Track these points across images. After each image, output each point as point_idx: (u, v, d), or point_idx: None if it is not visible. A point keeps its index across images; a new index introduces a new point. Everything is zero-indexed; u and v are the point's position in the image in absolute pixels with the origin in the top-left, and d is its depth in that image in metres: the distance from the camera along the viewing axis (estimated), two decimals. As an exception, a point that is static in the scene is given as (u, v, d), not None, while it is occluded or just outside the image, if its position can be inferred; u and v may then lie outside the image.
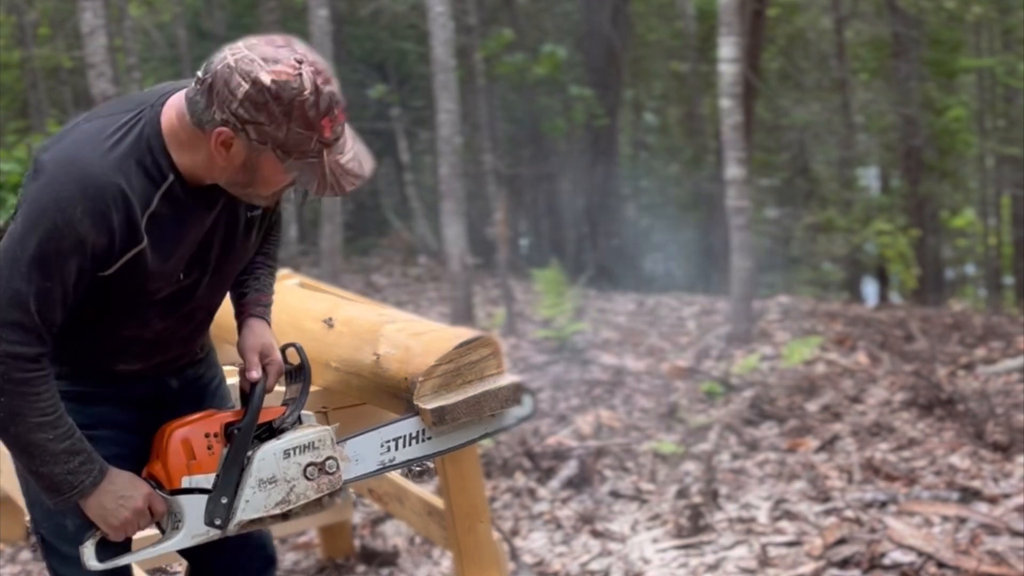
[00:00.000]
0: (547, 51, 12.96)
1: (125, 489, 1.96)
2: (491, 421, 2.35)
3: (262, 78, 1.76)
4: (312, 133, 1.80)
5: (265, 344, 2.16)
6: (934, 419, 5.58)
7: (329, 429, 2.13)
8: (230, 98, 1.78)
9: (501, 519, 4.25)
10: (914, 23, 13.74)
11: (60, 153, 1.87)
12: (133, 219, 1.86)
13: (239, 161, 1.85)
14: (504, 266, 9.50)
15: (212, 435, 2.02)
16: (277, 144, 1.81)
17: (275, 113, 1.77)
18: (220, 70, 1.79)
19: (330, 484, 2.10)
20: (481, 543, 2.68)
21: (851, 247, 14.03)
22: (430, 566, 3.60)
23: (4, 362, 1.84)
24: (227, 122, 1.80)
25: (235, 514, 2.02)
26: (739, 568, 3.56)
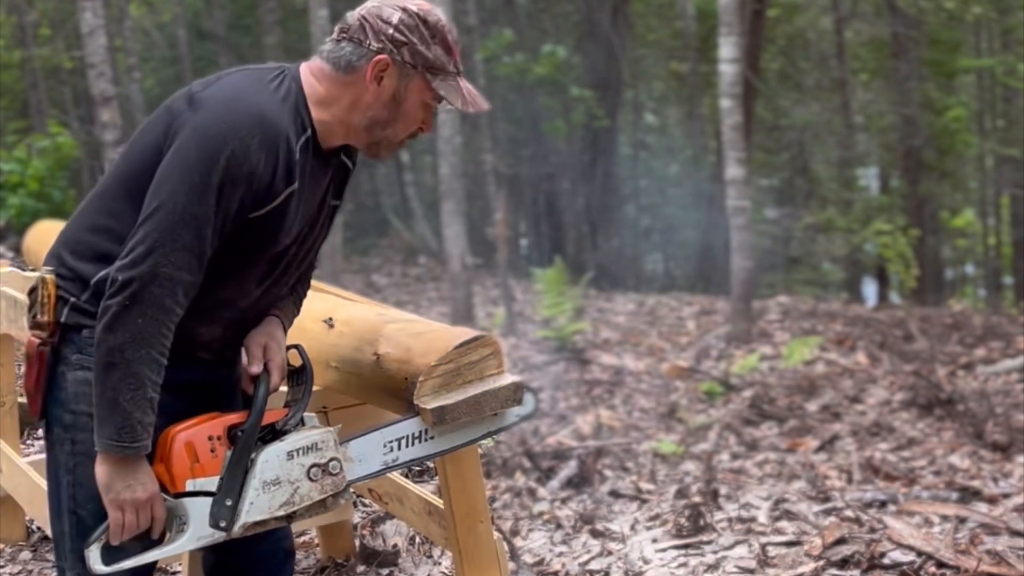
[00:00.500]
0: (547, 51, 12.96)
1: (142, 477, 1.95)
2: (493, 420, 2.35)
3: (409, 6, 2.01)
4: (451, 57, 2.05)
5: (271, 340, 2.16)
6: (934, 419, 5.59)
7: (332, 430, 2.12)
8: (385, 26, 1.99)
9: (501, 519, 4.25)
10: (914, 23, 13.75)
11: (227, 90, 1.98)
12: (292, 161, 1.96)
13: (388, 93, 2.01)
14: (504, 266, 9.51)
15: (215, 438, 2.01)
16: (427, 65, 2.01)
17: (424, 35, 2.00)
18: (366, 13, 2.01)
19: (334, 485, 2.10)
20: (481, 543, 2.68)
21: (851, 247, 14.04)
22: (430, 566, 3.60)
23: (164, 285, 1.87)
24: (382, 49, 1.98)
25: (239, 516, 2.01)
26: (739, 568, 3.57)
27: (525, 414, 2.40)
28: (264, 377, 2.10)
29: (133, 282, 1.86)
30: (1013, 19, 13.22)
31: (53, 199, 9.46)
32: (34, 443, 4.25)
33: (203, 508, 2.00)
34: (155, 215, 1.88)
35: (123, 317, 1.87)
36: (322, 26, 9.84)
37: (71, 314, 2.01)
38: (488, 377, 2.33)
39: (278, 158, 1.93)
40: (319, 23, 9.84)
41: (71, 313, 2.01)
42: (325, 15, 9.89)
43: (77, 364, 2.01)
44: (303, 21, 12.74)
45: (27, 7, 13.68)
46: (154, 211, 1.89)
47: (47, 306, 2.01)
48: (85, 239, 2.02)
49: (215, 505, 2.00)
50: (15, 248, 7.73)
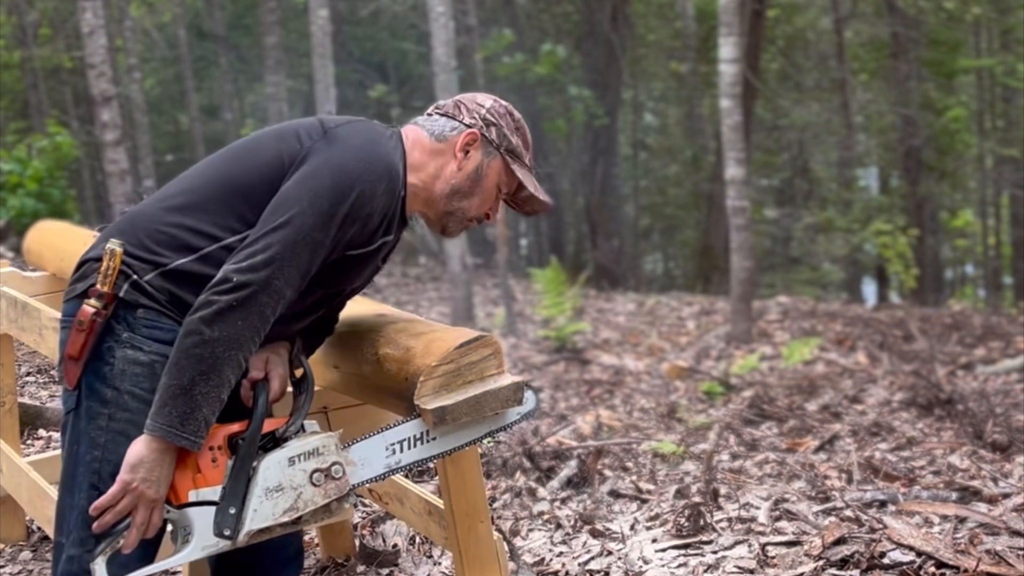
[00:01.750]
0: (547, 50, 12.96)
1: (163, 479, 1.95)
2: (494, 419, 2.35)
3: (499, 100, 2.25)
4: (527, 151, 2.26)
5: (273, 352, 2.18)
6: (933, 419, 5.59)
7: (334, 435, 2.13)
8: (479, 107, 2.21)
9: (501, 519, 4.26)
10: (913, 23, 13.75)
11: (363, 133, 2.13)
12: (395, 214, 2.12)
13: (472, 166, 2.19)
14: (504, 266, 9.51)
15: (216, 448, 2.02)
16: (509, 149, 2.21)
17: (510, 123, 2.23)
18: (461, 97, 2.25)
19: (337, 489, 2.11)
20: (481, 543, 2.69)
21: (851, 247, 14.05)
22: (430, 566, 3.60)
23: (271, 295, 1.95)
24: (474, 124, 2.19)
25: (244, 524, 2.02)
26: (739, 568, 3.57)
27: (526, 412, 2.40)
28: (264, 385, 2.11)
29: (248, 286, 1.93)
30: (1013, 19, 13.22)
31: (53, 199, 9.47)
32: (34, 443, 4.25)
33: (207, 518, 2.01)
34: (281, 229, 1.97)
35: (227, 315, 1.93)
36: (322, 26, 9.85)
37: (130, 291, 2.03)
38: (488, 377, 2.34)
39: (390, 208, 2.09)
40: (319, 23, 9.84)
41: (130, 290, 2.03)
42: (325, 15, 9.89)
43: (128, 342, 2.03)
44: (303, 21, 12.75)
45: (27, 7, 13.68)
46: (280, 226, 1.97)
47: (110, 277, 2.02)
48: (167, 227, 2.06)
49: (219, 514, 2.01)
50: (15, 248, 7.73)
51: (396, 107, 14.76)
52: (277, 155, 2.07)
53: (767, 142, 17.09)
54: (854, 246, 13.89)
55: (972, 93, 16.26)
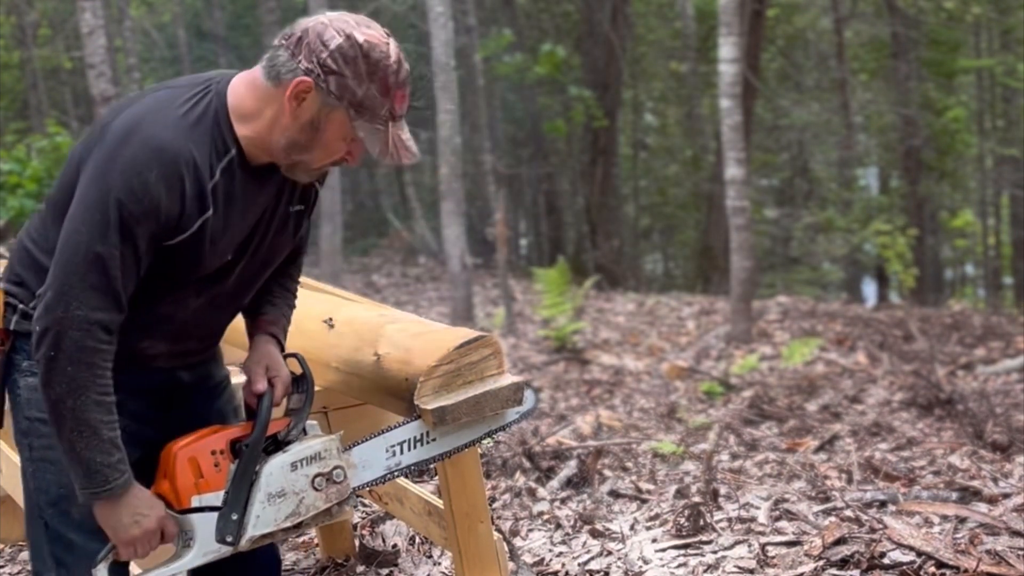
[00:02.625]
0: (546, 50, 12.96)
1: (142, 507, 1.95)
2: (494, 419, 2.35)
3: (356, 35, 1.87)
4: (386, 100, 1.90)
5: (271, 360, 2.15)
6: (934, 419, 5.59)
7: (335, 438, 2.12)
8: (321, 48, 1.86)
9: (501, 519, 4.25)
10: (913, 23, 13.75)
11: (130, 119, 1.88)
12: (202, 186, 1.89)
13: (307, 117, 1.90)
14: (504, 266, 9.51)
15: (219, 452, 2.01)
16: (353, 102, 1.88)
17: (360, 70, 1.87)
18: (313, 25, 1.88)
19: (338, 493, 2.10)
20: (481, 543, 2.69)
21: (851, 247, 14.04)
22: (430, 566, 3.60)
23: (81, 328, 1.82)
24: (311, 71, 1.86)
25: (246, 530, 2.01)
26: (739, 568, 3.57)
27: (525, 411, 2.40)
28: (268, 391, 2.10)
29: (49, 331, 1.83)
30: (1013, 19, 13.22)
31: (53, 199, 9.45)
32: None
33: (209, 523, 2.00)
34: (61, 256, 1.84)
35: (53, 369, 1.84)
36: (322, 26, 9.84)
37: (20, 321, 1.98)
38: (488, 377, 2.33)
39: (184, 188, 1.86)
40: (319, 23, 9.83)
41: (20, 320, 1.98)
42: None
43: (28, 370, 1.99)
44: (303, 21, 12.73)
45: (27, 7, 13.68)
46: (60, 251, 1.85)
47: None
48: (28, 247, 2.01)
49: (221, 519, 2.00)
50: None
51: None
52: (76, 160, 1.93)
53: (767, 142, 17.09)
54: (854, 246, 13.89)
55: (972, 93, 16.26)
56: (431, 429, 2.26)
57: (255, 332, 2.20)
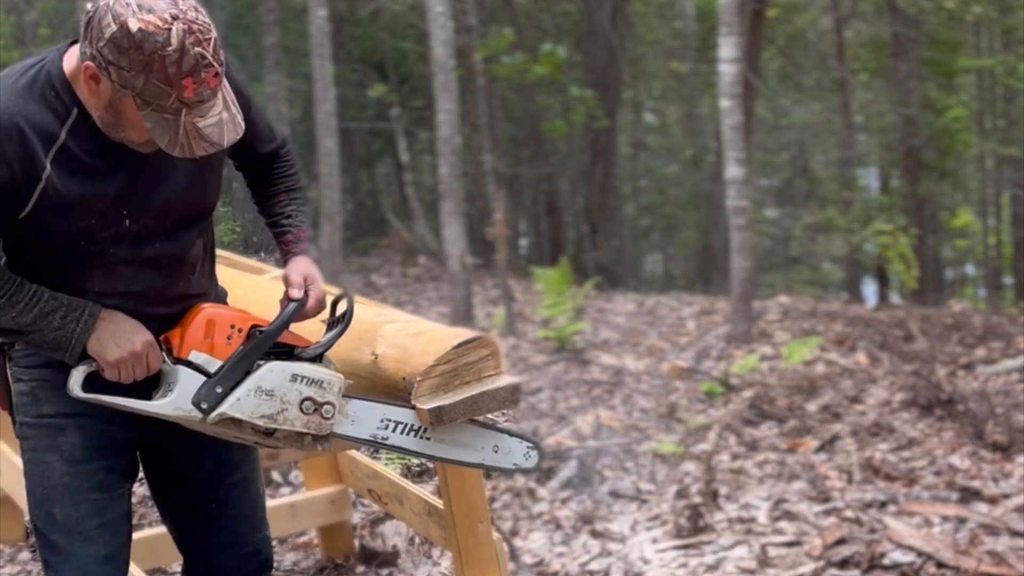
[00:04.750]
0: (547, 50, 12.95)
1: (125, 332, 1.98)
2: (492, 456, 2.34)
3: (129, 24, 1.75)
4: (171, 90, 1.79)
5: (309, 273, 2.18)
6: (934, 419, 5.59)
7: (342, 380, 2.14)
8: (98, 36, 1.78)
9: (501, 519, 4.25)
10: (914, 23, 13.74)
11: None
12: (31, 151, 1.86)
13: (106, 98, 1.85)
14: (504, 266, 9.50)
15: (237, 329, 2.05)
16: (136, 92, 1.79)
17: (135, 61, 1.76)
18: (100, 7, 1.80)
19: (318, 427, 2.10)
20: (481, 543, 2.68)
21: (851, 247, 14.03)
22: (430, 566, 3.60)
23: None
24: (95, 58, 1.80)
25: (221, 405, 2.02)
26: (739, 568, 3.57)
27: (524, 467, 2.39)
28: (303, 297, 2.14)
29: None
30: (1013, 19, 13.21)
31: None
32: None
33: (193, 383, 2.02)
34: None
35: None
36: (321, 26, 9.84)
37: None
38: (486, 378, 2.33)
39: (5, 153, 1.84)
40: (319, 23, 9.83)
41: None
42: (324, 15, 9.89)
43: (14, 377, 2.08)
44: (302, 21, 12.74)
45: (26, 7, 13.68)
46: None
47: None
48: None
49: (205, 385, 2.02)
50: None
51: (396, 107, 14.76)
52: None
53: (767, 142, 17.08)
54: (854, 246, 13.88)
55: (972, 93, 16.24)
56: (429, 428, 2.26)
57: (287, 253, 2.23)
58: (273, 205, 2.29)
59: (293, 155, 2.34)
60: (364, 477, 3.31)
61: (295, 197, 2.30)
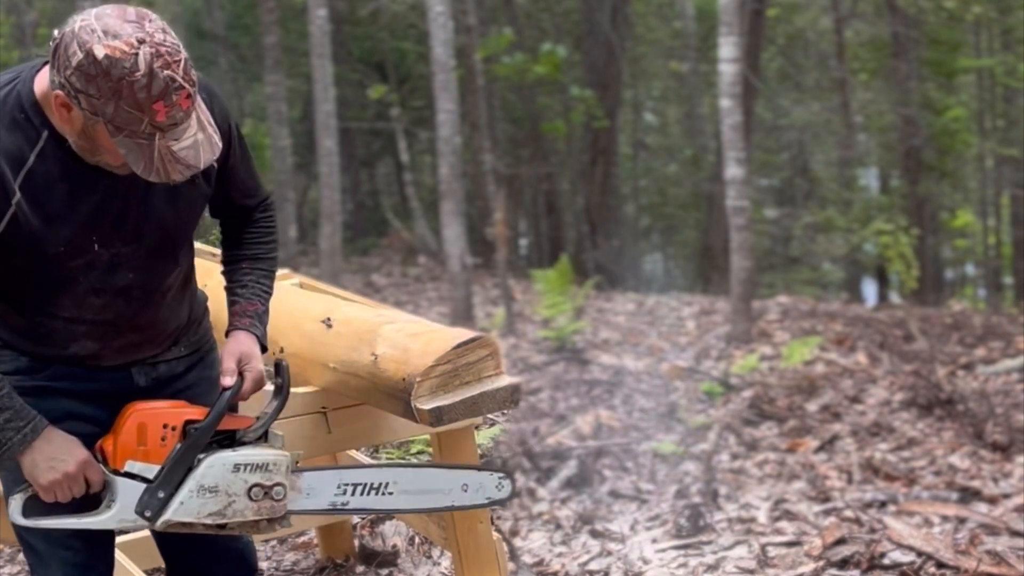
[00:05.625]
0: (546, 50, 12.95)
1: (59, 452, 1.94)
2: (463, 496, 2.28)
3: (95, 51, 1.71)
4: (143, 115, 1.74)
5: (244, 352, 2.11)
6: (934, 419, 5.59)
7: (288, 456, 2.07)
8: (66, 64, 1.74)
9: (501, 519, 4.25)
10: (914, 23, 13.74)
11: None
12: (3, 177, 1.82)
13: (79, 126, 1.81)
14: (504, 266, 9.50)
15: (170, 427, 1.98)
16: (107, 119, 1.75)
17: (103, 89, 1.72)
18: (66, 34, 1.75)
19: (271, 510, 2.05)
20: (481, 543, 2.68)
21: (851, 247, 14.04)
22: (430, 566, 3.59)
23: None
24: (63, 86, 1.76)
25: (167, 512, 1.98)
26: (739, 568, 3.57)
27: (499, 499, 2.35)
28: (237, 382, 2.06)
29: None
30: (1013, 19, 13.21)
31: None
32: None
33: (134, 492, 1.98)
34: None
35: None
36: (321, 26, 9.84)
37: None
38: (486, 378, 2.33)
39: None
40: (319, 23, 9.84)
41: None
42: (324, 15, 9.89)
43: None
44: (303, 21, 12.74)
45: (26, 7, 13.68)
46: None
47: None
48: None
49: (147, 493, 1.97)
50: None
51: (396, 107, 14.76)
52: None
53: (767, 142, 17.08)
54: (854, 246, 13.88)
55: (972, 93, 16.24)
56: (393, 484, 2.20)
57: (230, 326, 2.16)
58: (234, 271, 2.21)
59: (274, 219, 2.27)
60: (364, 477, 3.30)
61: (259, 267, 2.22)
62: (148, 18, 1.80)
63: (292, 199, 12.24)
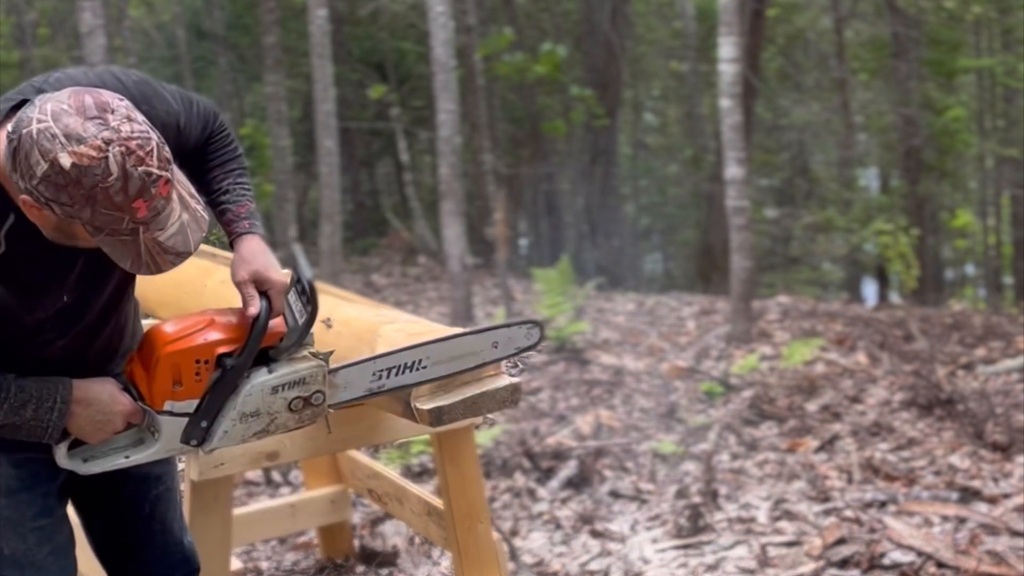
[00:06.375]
0: (546, 49, 12.95)
1: (101, 410, 1.91)
2: (494, 352, 2.25)
3: (61, 160, 1.57)
4: (122, 214, 1.62)
5: (256, 270, 2.00)
6: (934, 419, 5.58)
7: (324, 364, 2.04)
8: (29, 173, 1.60)
9: (501, 519, 4.25)
10: (914, 23, 13.74)
11: None
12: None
13: (52, 223, 1.69)
14: (504, 266, 9.50)
15: (203, 362, 1.93)
16: (84, 221, 1.63)
17: (76, 196, 1.59)
18: (24, 137, 1.60)
19: (312, 415, 2.04)
20: (481, 543, 2.68)
21: (851, 247, 14.04)
22: (430, 566, 3.60)
23: None
24: (30, 193, 1.62)
25: (212, 440, 1.98)
26: (739, 568, 3.57)
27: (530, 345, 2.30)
28: (263, 307, 1.98)
29: None
30: (1013, 19, 13.21)
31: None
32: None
33: (177, 425, 1.96)
34: None
35: None
36: (321, 26, 9.84)
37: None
38: (486, 378, 2.33)
39: None
40: (319, 23, 9.84)
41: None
42: (325, 15, 9.89)
43: None
44: (303, 21, 12.74)
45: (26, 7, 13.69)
46: None
47: None
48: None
49: (190, 425, 1.96)
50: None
51: (396, 107, 14.76)
52: None
53: (767, 142, 17.08)
54: (854, 246, 13.88)
55: (972, 93, 16.24)
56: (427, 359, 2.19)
57: (230, 235, 2.06)
58: (209, 183, 2.07)
59: (226, 125, 2.12)
60: (364, 477, 3.31)
61: (231, 169, 2.09)
62: (108, 107, 1.63)
63: (292, 199, 12.23)
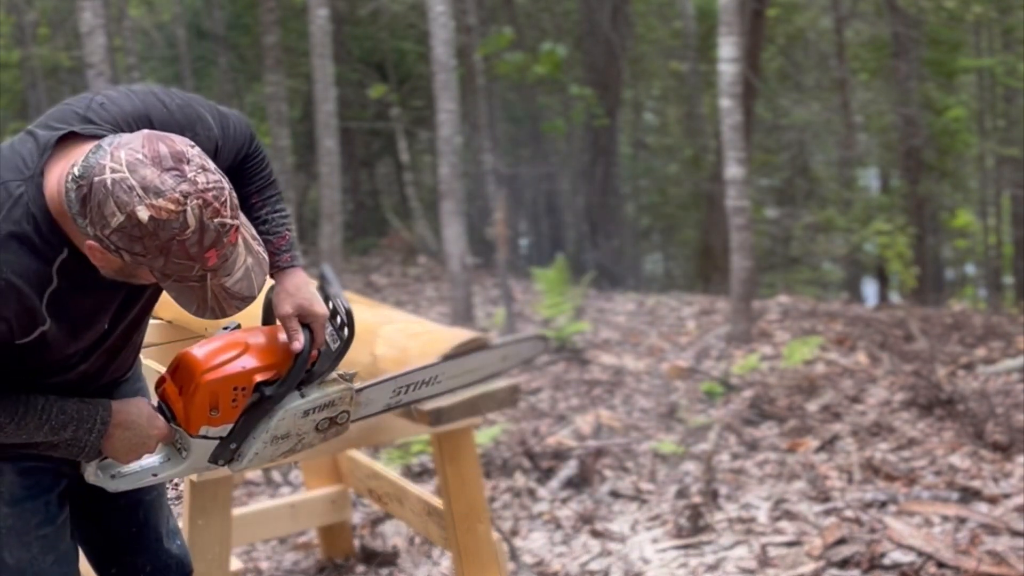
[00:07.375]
0: (547, 49, 12.95)
1: (140, 433, 1.92)
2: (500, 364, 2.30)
3: (139, 214, 1.59)
4: (194, 263, 1.64)
5: (300, 304, 2.00)
6: (934, 419, 5.58)
7: (352, 386, 2.07)
8: (102, 223, 1.61)
9: (501, 519, 4.25)
10: (914, 23, 13.74)
11: None
12: (29, 307, 1.73)
13: (114, 267, 1.70)
14: (504, 266, 9.50)
15: (240, 389, 1.95)
16: (154, 268, 1.66)
17: (150, 247, 1.61)
18: (96, 185, 1.60)
19: (337, 432, 2.08)
20: (481, 543, 2.68)
21: (851, 247, 14.03)
22: (430, 566, 3.60)
23: None
24: (100, 240, 1.64)
25: (241, 461, 2.00)
26: (739, 568, 3.56)
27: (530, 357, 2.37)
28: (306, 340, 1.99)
29: None
30: (1013, 19, 13.21)
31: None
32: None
33: (208, 445, 1.99)
34: None
35: None
36: (322, 26, 9.84)
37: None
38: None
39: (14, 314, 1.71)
40: (319, 23, 9.84)
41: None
42: (325, 15, 9.89)
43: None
44: (303, 21, 12.74)
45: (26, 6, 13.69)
46: None
47: None
48: None
49: (220, 446, 1.99)
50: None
51: (396, 107, 14.76)
52: None
53: (767, 142, 17.08)
54: (854, 246, 13.88)
55: (972, 93, 16.24)
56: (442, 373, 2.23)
57: (272, 272, 2.04)
58: (247, 211, 2.03)
59: (262, 147, 2.11)
60: (364, 477, 3.31)
61: (268, 196, 2.09)
62: (184, 157, 1.63)
63: (292, 199, 12.23)
